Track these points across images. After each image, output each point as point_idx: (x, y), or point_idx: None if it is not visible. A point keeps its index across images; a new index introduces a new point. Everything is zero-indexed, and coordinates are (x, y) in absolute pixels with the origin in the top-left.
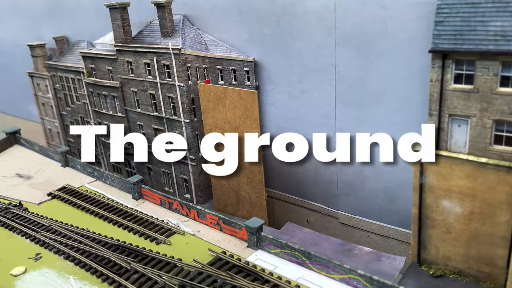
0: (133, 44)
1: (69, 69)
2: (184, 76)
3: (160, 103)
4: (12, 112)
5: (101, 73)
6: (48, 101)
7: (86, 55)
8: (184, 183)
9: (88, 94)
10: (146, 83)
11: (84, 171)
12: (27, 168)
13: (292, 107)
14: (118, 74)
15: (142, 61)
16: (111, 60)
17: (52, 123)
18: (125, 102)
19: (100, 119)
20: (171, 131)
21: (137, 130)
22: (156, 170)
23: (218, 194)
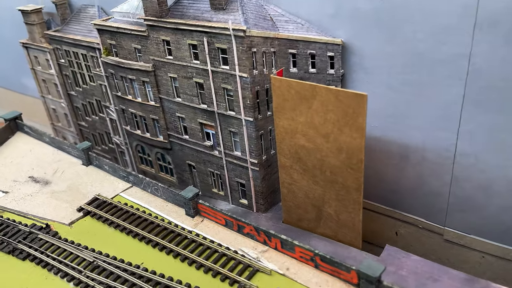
0: (174, 20)
1: (78, 43)
2: (247, 64)
3: (211, 95)
4: (2, 84)
5: (125, 52)
6: (51, 78)
7: (103, 28)
8: (240, 187)
9: (107, 76)
10: (191, 69)
11: (115, 174)
12: (41, 168)
13: (390, 103)
14: (150, 55)
15: (185, 42)
16: (140, 37)
17: (57, 103)
18: (160, 89)
19: (125, 106)
20: (226, 129)
21: (176, 122)
22: (201, 169)
23: (289, 206)
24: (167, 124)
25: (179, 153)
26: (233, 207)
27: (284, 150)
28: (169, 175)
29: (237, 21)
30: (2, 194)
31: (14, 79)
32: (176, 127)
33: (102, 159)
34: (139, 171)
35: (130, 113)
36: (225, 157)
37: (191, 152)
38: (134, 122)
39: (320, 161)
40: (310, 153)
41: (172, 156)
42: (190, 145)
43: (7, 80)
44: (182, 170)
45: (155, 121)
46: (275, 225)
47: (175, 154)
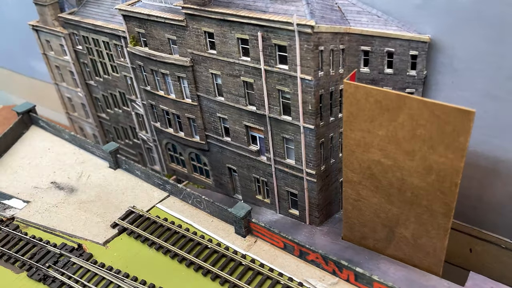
0: (220, 10)
1: (100, 29)
2: (312, 65)
3: (262, 97)
4: (8, 66)
5: (156, 43)
6: (66, 65)
7: (130, 14)
8: (290, 196)
9: (134, 67)
10: (238, 67)
11: (148, 181)
12: (64, 171)
13: (487, 112)
14: (188, 47)
15: (233, 35)
16: (176, 27)
17: (73, 92)
18: (198, 86)
19: (155, 101)
20: (278, 135)
21: (216, 123)
22: (244, 174)
23: (352, 223)
24: (205, 124)
25: (217, 156)
26: (281, 216)
27: (353, 164)
28: (204, 176)
29: (301, 13)
30: (23, 204)
31: (21, 62)
32: (215, 128)
33: (132, 163)
34: (169, 170)
35: (161, 109)
36: (275, 164)
37: (232, 156)
38: (166, 119)
39: (399, 180)
40: (387, 170)
41: (209, 158)
42: (231, 148)
43: (14, 62)
44: (220, 173)
45: (191, 120)
46: (334, 242)
47: (213, 156)
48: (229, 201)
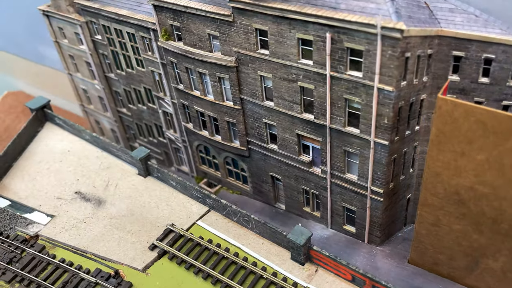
0: (281, 5)
1: (124, 19)
2: (395, 74)
3: (323, 105)
4: (13, 51)
5: (194, 38)
6: (82, 55)
7: (163, 5)
8: (346, 212)
9: (165, 63)
10: (296, 70)
11: (185, 192)
12: (88, 178)
13: None
14: (233, 46)
15: (293, 35)
16: (220, 21)
17: (89, 83)
18: (242, 89)
19: (188, 101)
20: (339, 147)
21: (261, 129)
22: (290, 184)
23: (424, 248)
24: (247, 130)
25: (259, 163)
26: (333, 232)
27: (436, 188)
28: (241, 182)
29: (384, 12)
30: (47, 219)
31: (28, 47)
32: (260, 134)
33: (166, 173)
34: (199, 172)
35: (195, 111)
36: (332, 178)
37: (277, 164)
38: (199, 121)
39: (496, 210)
40: (480, 198)
41: (249, 164)
42: (278, 156)
43: (20, 47)
44: (261, 180)
45: (231, 124)
46: (399, 266)
47: (253, 162)
48: (270, 210)
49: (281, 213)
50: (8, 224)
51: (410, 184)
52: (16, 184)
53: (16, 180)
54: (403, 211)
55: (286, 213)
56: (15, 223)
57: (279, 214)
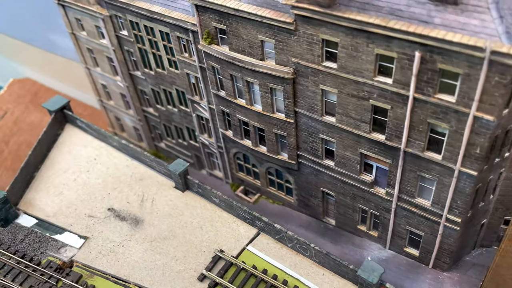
0: (356, 16)
1: (159, 17)
2: (499, 102)
3: (399, 127)
4: (21, 37)
5: (243, 44)
6: (102, 50)
7: (208, 5)
8: (409, 235)
9: (206, 67)
10: (369, 88)
11: (230, 211)
12: (120, 192)
13: None
14: (293, 56)
15: (371, 50)
16: (277, 28)
17: (109, 79)
18: (298, 101)
19: (230, 109)
20: (413, 172)
21: (316, 144)
22: (344, 202)
23: (503, 280)
24: (299, 143)
25: (309, 177)
26: (392, 254)
27: None
28: (284, 193)
29: (491, 31)
30: (80, 241)
31: (38, 34)
32: (314, 149)
33: (209, 189)
34: (235, 178)
35: (238, 119)
36: (398, 201)
37: (331, 180)
38: (241, 130)
39: None
40: None
41: (296, 177)
42: (333, 173)
43: (29, 34)
44: (309, 194)
45: (280, 136)
46: None
47: (302, 176)
48: (318, 225)
49: (331, 229)
50: (38, 248)
51: (487, 210)
52: (41, 199)
53: (40, 194)
54: (475, 236)
55: (336, 229)
56: (46, 247)
57: (328, 229)
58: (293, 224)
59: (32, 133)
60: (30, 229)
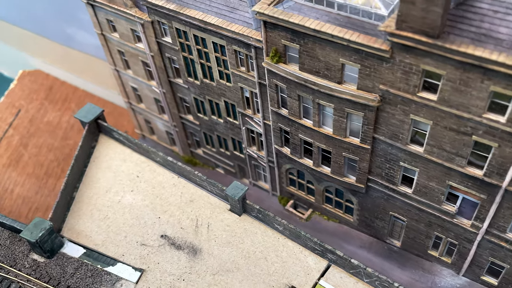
0: (470, 51)
1: (214, 29)
2: None
3: (503, 166)
4: (36, 30)
5: (317, 65)
6: (137, 54)
7: (280, 23)
8: (491, 265)
9: (267, 85)
10: (475, 124)
11: (296, 240)
12: (172, 216)
13: None
14: (381, 83)
15: (484, 87)
16: (366, 54)
17: (142, 83)
18: (379, 128)
19: (291, 128)
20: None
21: (393, 171)
22: (416, 227)
23: None
24: (371, 168)
25: (378, 200)
26: (467, 281)
27: None
28: (342, 211)
29: None
30: (136, 275)
31: (54, 28)
32: (389, 175)
33: (272, 216)
34: (284, 192)
35: (299, 139)
36: (486, 234)
37: (405, 206)
38: (301, 149)
39: None
40: None
41: (361, 199)
42: (409, 200)
43: (44, 27)
44: (374, 216)
45: (348, 159)
46: None
47: (368, 199)
48: (381, 246)
49: (395, 251)
50: (92, 283)
51: None
52: (86, 224)
53: (84, 218)
54: None
55: (401, 251)
56: (100, 281)
57: (393, 252)
58: (353, 244)
59: (52, 134)
60: (79, 260)
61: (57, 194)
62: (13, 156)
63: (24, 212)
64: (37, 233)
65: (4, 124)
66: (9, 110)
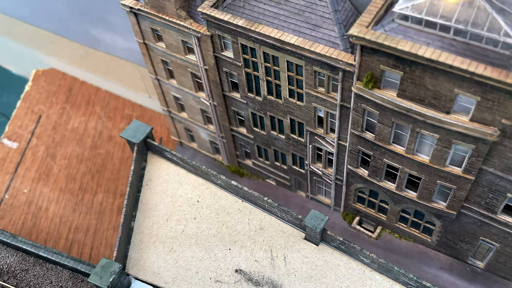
0: None
1: (290, 48)
2: None
3: None
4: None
5: (422, 93)
6: (185, 65)
7: (383, 49)
8: None
9: (353, 108)
10: None
11: (385, 273)
12: (243, 247)
13: None
14: (504, 117)
15: None
16: (491, 87)
17: (188, 94)
18: (489, 160)
19: (375, 152)
20: None
21: (496, 201)
22: (507, 252)
23: None
24: (469, 196)
25: (468, 226)
26: None
27: None
28: (418, 231)
29: None
30: None
31: (76, 28)
32: (489, 204)
33: (358, 249)
34: (349, 208)
35: (383, 163)
36: None
37: (501, 233)
38: (383, 172)
39: None
40: None
41: (448, 223)
42: (508, 228)
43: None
44: (458, 239)
45: (441, 186)
46: None
47: (457, 223)
48: (462, 267)
49: (479, 273)
50: None
51: None
52: (151, 259)
53: (148, 252)
54: None
55: (486, 273)
56: None
57: (476, 274)
58: (433, 266)
59: (80, 143)
60: None
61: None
62: (42, 169)
63: (63, 232)
64: (107, 278)
65: (26, 132)
66: (28, 116)
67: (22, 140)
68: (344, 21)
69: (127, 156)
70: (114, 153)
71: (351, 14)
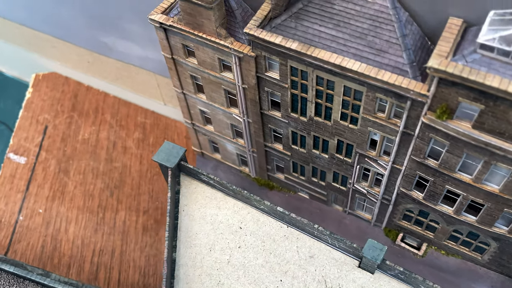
0: None
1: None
2: None
3: None
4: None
5: (501, 126)
6: (219, 82)
7: (467, 83)
8: None
9: (417, 136)
10: None
11: None
12: (294, 277)
13: None
14: None
15: None
16: None
17: (218, 110)
18: None
19: (436, 178)
20: None
21: None
22: None
23: None
24: None
25: None
26: None
27: None
28: (468, 249)
29: None
30: None
31: (86, 35)
32: None
33: (420, 280)
34: (391, 224)
35: (443, 189)
36: None
37: None
38: (441, 197)
39: None
40: None
41: (505, 244)
42: None
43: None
44: None
45: (508, 213)
46: None
47: None
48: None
49: None
50: None
51: None
52: None
53: (195, 287)
54: None
55: None
56: None
57: None
58: (484, 284)
59: (94, 156)
60: None
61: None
62: (56, 186)
63: (87, 255)
64: None
65: (33, 145)
66: (33, 127)
67: (30, 154)
68: (412, 45)
69: (145, 169)
70: (131, 166)
71: (418, 37)
